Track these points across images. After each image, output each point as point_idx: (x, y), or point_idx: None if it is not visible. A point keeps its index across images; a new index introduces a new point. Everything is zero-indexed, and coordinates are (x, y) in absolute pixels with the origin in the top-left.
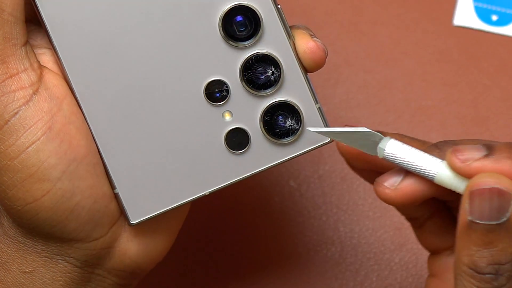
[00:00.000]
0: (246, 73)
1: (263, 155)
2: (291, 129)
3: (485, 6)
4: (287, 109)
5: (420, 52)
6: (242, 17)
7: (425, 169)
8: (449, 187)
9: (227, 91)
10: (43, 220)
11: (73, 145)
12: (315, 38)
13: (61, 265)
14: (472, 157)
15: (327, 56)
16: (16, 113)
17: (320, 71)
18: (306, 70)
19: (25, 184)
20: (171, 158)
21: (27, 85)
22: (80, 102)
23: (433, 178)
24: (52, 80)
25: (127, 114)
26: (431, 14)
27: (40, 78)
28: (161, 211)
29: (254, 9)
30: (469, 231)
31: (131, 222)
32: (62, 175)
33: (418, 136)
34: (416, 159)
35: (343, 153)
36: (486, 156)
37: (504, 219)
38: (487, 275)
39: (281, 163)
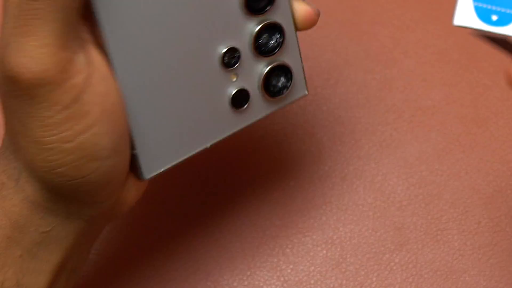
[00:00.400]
0: (257, 41)
1: (257, 109)
2: (284, 86)
3: (485, 6)
4: (282, 69)
5: (420, 52)
6: None
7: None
8: None
9: (239, 57)
10: (84, 192)
11: (119, 123)
12: (308, 3)
13: (76, 223)
14: None
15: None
16: (76, 100)
17: (320, 71)
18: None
19: (77, 164)
20: (181, 113)
21: (83, 68)
22: (117, 70)
23: None
24: (97, 56)
25: (152, 75)
26: (431, 14)
27: (90, 58)
28: (171, 164)
29: None
30: None
31: (145, 177)
32: (111, 153)
33: (418, 136)
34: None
35: None
36: None
37: None
38: None
39: (268, 115)
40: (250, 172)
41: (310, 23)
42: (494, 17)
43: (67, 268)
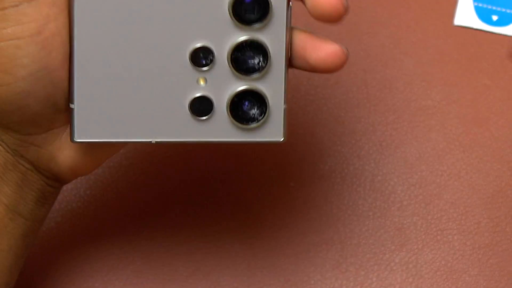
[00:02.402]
0: (235, 52)
1: (218, 129)
2: (254, 117)
3: (485, 6)
4: (257, 98)
5: (420, 52)
6: (252, 1)
7: None
8: None
9: (212, 60)
10: None
11: (51, 55)
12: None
13: None
14: None
15: (347, 60)
16: (16, 5)
17: None
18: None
19: None
20: (135, 97)
21: None
22: (74, 21)
23: None
24: None
25: (112, 44)
26: (431, 14)
27: None
28: (106, 140)
29: None
30: None
31: (75, 139)
32: (28, 77)
33: (418, 136)
34: None
35: None
36: None
37: None
38: None
39: (231, 142)
40: (250, 172)
41: (332, 65)
42: (495, 17)
43: (6, 204)
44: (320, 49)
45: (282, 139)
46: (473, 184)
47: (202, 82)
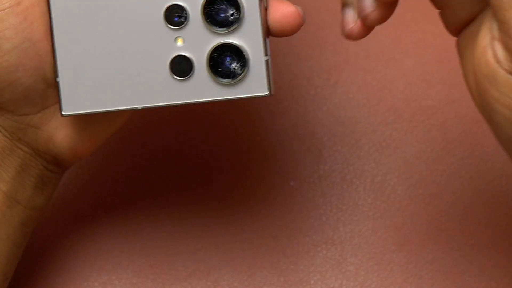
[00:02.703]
0: (207, 6)
1: (202, 88)
2: (234, 72)
3: None
4: (236, 52)
5: (420, 52)
6: None
7: None
8: None
9: (186, 18)
10: None
11: (33, 26)
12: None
13: None
14: None
15: (304, 23)
16: None
17: (320, 71)
18: (277, 29)
19: None
20: (117, 66)
21: None
22: None
23: None
24: None
25: (89, 13)
26: (431, 14)
27: None
28: (93, 110)
29: None
30: None
31: (63, 112)
32: (13, 50)
33: (418, 136)
34: None
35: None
36: None
37: None
38: None
39: (215, 101)
40: (250, 171)
41: (288, 26)
42: None
43: (4, 191)
44: (276, 10)
45: (267, 93)
46: (473, 184)
47: (179, 42)
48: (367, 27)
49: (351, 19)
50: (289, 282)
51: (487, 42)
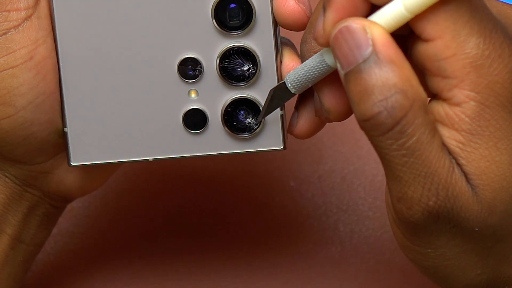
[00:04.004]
0: (223, 61)
1: (215, 141)
2: (249, 126)
3: None
4: (251, 106)
5: None
6: (236, 5)
7: (321, 68)
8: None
9: (200, 71)
10: None
11: (46, 79)
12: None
13: (1, 180)
14: (319, 27)
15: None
16: (4, 34)
17: None
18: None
19: None
20: (127, 117)
21: (22, 8)
22: (58, 40)
23: (332, 67)
24: (46, 10)
25: (99, 63)
26: None
27: (36, 4)
28: (102, 162)
29: (249, 1)
30: (348, 85)
31: (71, 163)
32: (28, 105)
33: None
34: (309, 70)
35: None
36: (324, 13)
37: (369, 50)
38: (378, 115)
39: (229, 154)
40: (250, 172)
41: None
42: None
43: (10, 234)
44: (287, 65)
45: (281, 147)
46: None
47: (193, 95)
48: (313, 128)
49: (294, 119)
50: (289, 282)
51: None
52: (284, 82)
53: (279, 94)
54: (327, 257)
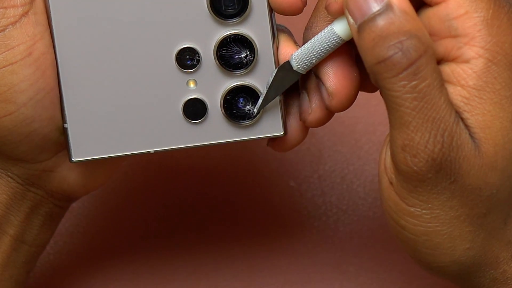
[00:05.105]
0: (220, 49)
1: (216, 130)
2: (249, 113)
3: None
4: (250, 93)
5: None
6: None
7: (331, 41)
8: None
9: (198, 61)
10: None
11: (46, 75)
12: (298, 47)
13: (4, 179)
14: None
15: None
16: (2, 30)
17: None
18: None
19: None
20: (127, 109)
21: (18, 4)
22: (55, 35)
23: (342, 38)
24: (42, 5)
25: (97, 57)
26: None
27: (32, 0)
28: (103, 156)
29: None
30: (362, 34)
31: (72, 159)
32: (28, 102)
33: None
34: (317, 44)
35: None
36: None
37: (383, 3)
38: (394, 55)
39: (230, 142)
40: (250, 172)
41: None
42: None
43: (12, 235)
44: (283, 52)
45: (282, 133)
46: None
47: (192, 85)
48: (326, 116)
49: (307, 107)
50: (289, 282)
51: (387, 142)
52: (288, 61)
53: (281, 76)
54: (327, 257)
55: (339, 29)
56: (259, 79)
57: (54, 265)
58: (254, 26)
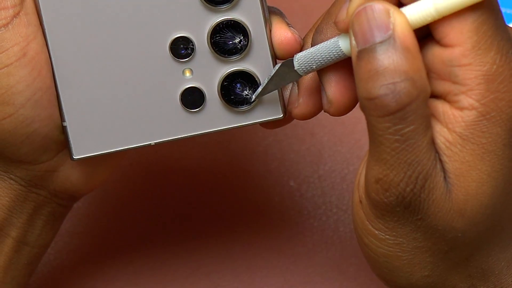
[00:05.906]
0: (214, 36)
1: (215, 118)
2: (247, 98)
3: None
4: (247, 78)
5: None
6: None
7: (333, 53)
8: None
9: (192, 49)
10: (1, 141)
11: (42, 74)
12: (292, 28)
13: (6, 182)
14: (342, 12)
15: (302, 48)
16: None
17: None
18: (275, 53)
19: None
20: (125, 103)
21: (9, 6)
22: (47, 34)
23: (344, 54)
24: (32, 5)
25: (91, 53)
26: None
27: (23, 1)
28: (104, 152)
29: None
30: (360, 62)
31: (73, 157)
32: (27, 102)
33: None
34: (321, 52)
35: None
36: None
37: (388, 33)
38: (384, 96)
39: (231, 129)
40: (250, 172)
41: (288, 51)
42: None
43: (14, 237)
44: (277, 34)
45: (281, 116)
46: None
47: (188, 74)
48: (312, 113)
49: (295, 99)
50: (289, 282)
51: (364, 161)
52: (292, 59)
53: (283, 72)
54: (327, 257)
55: (344, 44)
56: (255, 63)
57: (54, 265)
58: (246, 11)
